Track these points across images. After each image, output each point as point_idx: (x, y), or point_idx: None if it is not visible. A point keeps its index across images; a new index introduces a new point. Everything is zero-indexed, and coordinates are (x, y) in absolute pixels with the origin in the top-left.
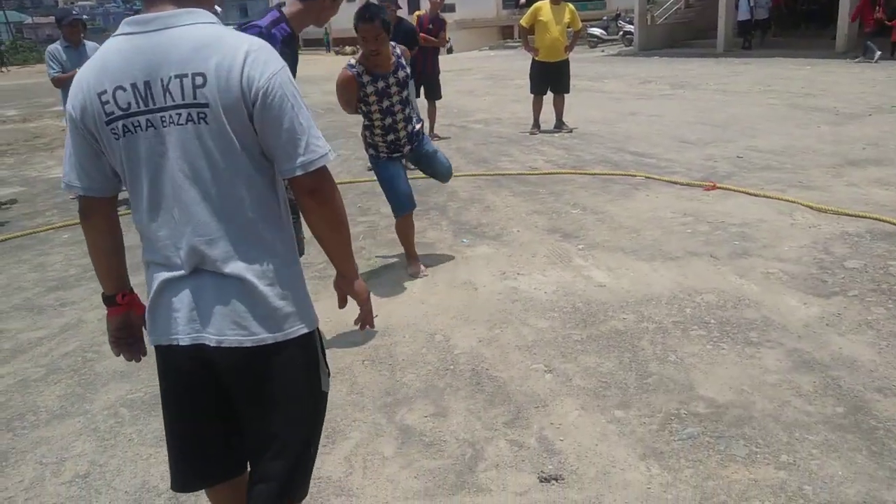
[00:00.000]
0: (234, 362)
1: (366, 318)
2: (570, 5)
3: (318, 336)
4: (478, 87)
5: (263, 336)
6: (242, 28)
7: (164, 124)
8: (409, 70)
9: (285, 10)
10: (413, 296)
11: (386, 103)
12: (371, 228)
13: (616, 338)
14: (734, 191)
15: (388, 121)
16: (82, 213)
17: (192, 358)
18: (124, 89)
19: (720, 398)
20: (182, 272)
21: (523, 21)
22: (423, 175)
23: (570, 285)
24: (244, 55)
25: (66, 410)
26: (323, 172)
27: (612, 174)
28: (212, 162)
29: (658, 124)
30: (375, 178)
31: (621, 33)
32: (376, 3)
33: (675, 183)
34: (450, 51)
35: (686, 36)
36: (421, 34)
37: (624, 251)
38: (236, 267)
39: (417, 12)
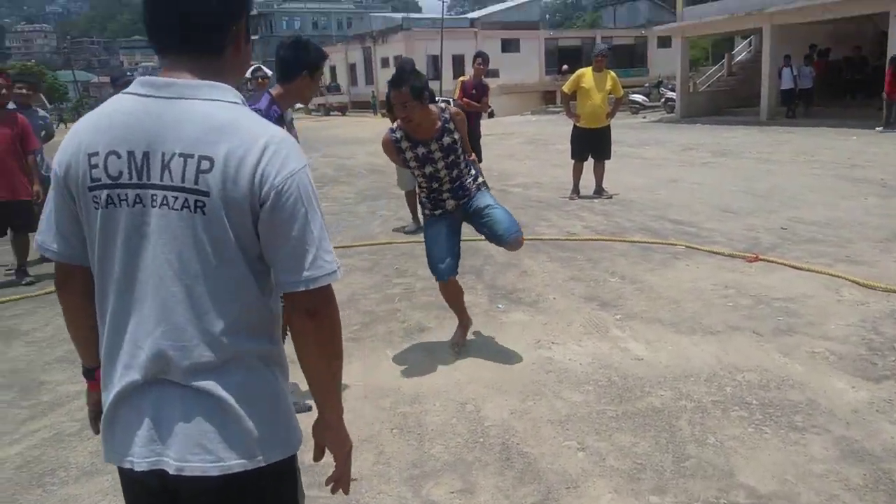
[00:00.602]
0: (198, 492)
1: (339, 480)
2: (613, 73)
3: (297, 463)
4: (519, 151)
5: (232, 463)
6: None
7: (155, 204)
8: (456, 136)
9: (273, 91)
10: (446, 362)
11: (429, 169)
12: (407, 291)
13: (653, 416)
14: (778, 263)
15: (435, 184)
16: (57, 281)
17: (150, 485)
18: (119, 156)
19: (762, 488)
20: (142, 379)
21: (565, 88)
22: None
23: (606, 357)
24: (263, 147)
25: (95, 468)
26: (327, 292)
27: (652, 242)
28: (202, 257)
29: (699, 192)
30: (414, 238)
31: (663, 100)
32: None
33: (717, 253)
34: (491, 115)
35: (729, 104)
36: (464, 99)
37: (663, 323)
38: (207, 382)
39: (462, 77)
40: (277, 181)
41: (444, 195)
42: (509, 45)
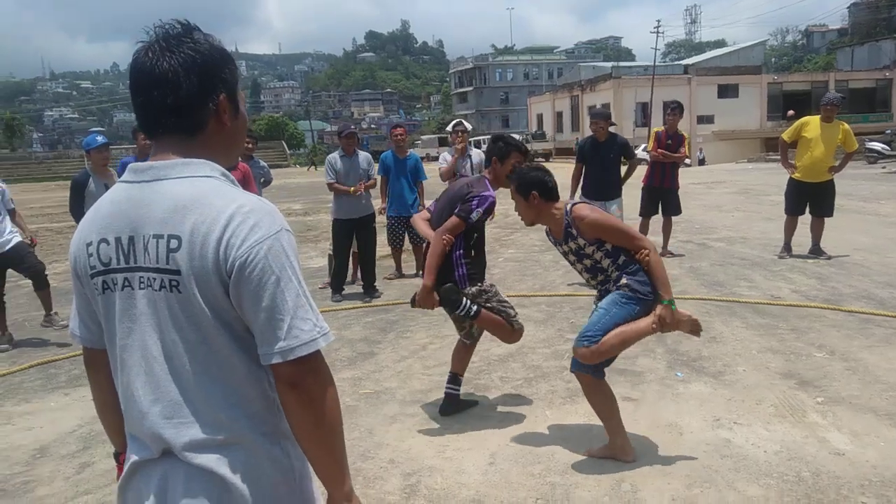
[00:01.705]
0: None
1: None
2: (846, 125)
3: None
4: (726, 203)
5: None
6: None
7: (141, 286)
8: (583, 242)
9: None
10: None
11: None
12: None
13: None
14: None
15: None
16: (86, 364)
17: None
18: (108, 243)
19: None
20: (152, 455)
21: (785, 135)
22: None
23: (798, 447)
24: (228, 218)
25: None
26: (307, 362)
27: (875, 314)
28: (183, 335)
29: None
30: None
31: None
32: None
33: None
34: (702, 162)
35: None
36: (659, 150)
37: (876, 413)
38: (209, 459)
39: (655, 128)
40: (242, 251)
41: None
42: (726, 91)
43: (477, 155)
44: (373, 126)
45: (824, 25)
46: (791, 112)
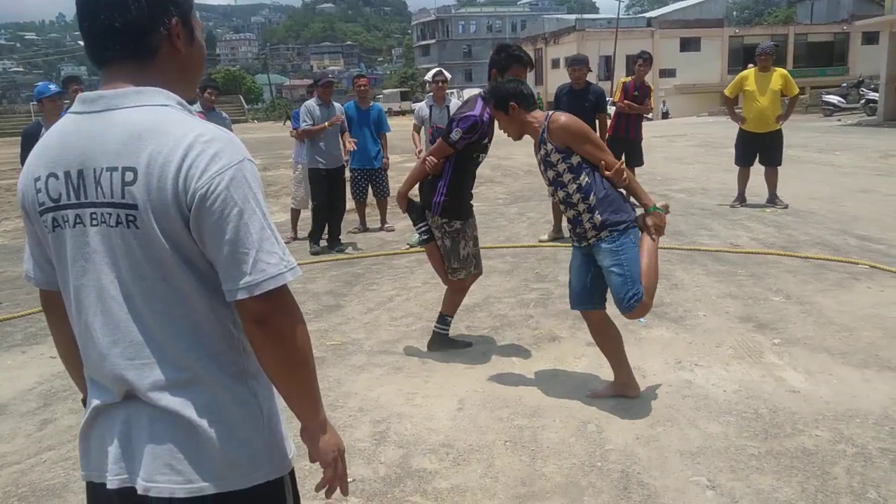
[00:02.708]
0: None
1: (332, 484)
2: (782, 70)
3: (288, 485)
4: (687, 154)
5: (202, 485)
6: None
7: (94, 222)
8: (551, 150)
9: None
10: (574, 377)
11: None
12: (544, 296)
13: (803, 458)
14: None
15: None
16: (44, 308)
17: (120, 503)
18: (57, 177)
19: None
20: (114, 399)
21: (727, 91)
22: None
23: (755, 386)
24: (187, 147)
25: None
26: (275, 297)
27: (830, 259)
28: (143, 273)
29: (895, 205)
30: (559, 243)
31: (863, 101)
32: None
33: None
34: (665, 115)
35: None
36: (624, 101)
37: (830, 353)
38: (173, 401)
39: (622, 79)
40: (202, 181)
41: (568, 222)
42: (688, 44)
43: (455, 105)
44: (334, 79)
45: None
46: (751, 65)
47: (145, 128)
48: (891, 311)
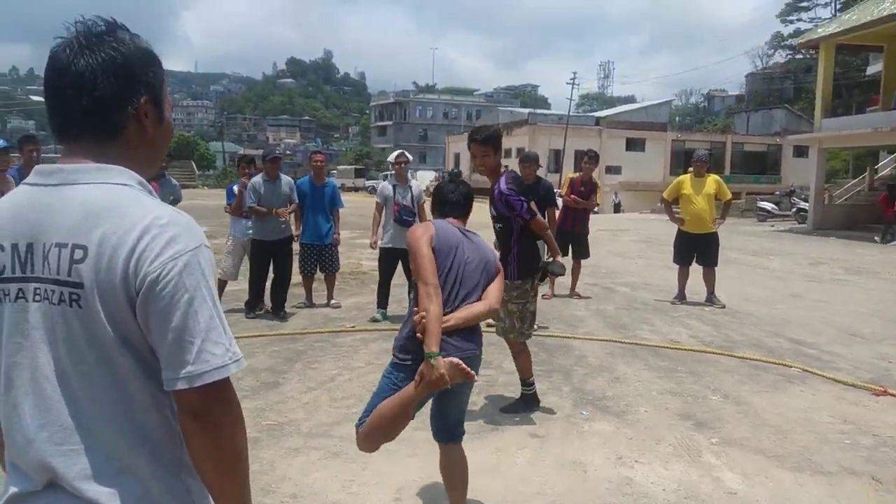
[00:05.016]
0: None
1: None
2: (715, 176)
3: None
4: (631, 250)
5: None
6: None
7: (37, 298)
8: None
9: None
10: (514, 470)
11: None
12: (488, 384)
13: None
14: None
15: None
16: None
17: None
18: (3, 249)
19: None
20: (35, 487)
21: (665, 194)
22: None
23: (693, 486)
24: (143, 229)
25: None
26: (216, 390)
27: (765, 361)
28: (81, 355)
29: (825, 311)
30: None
31: (794, 210)
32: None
33: (838, 381)
34: (617, 207)
35: (868, 219)
36: (571, 196)
37: (766, 455)
38: (100, 491)
39: (570, 174)
40: (155, 266)
41: None
42: (634, 144)
43: (416, 186)
44: (288, 152)
45: (724, 91)
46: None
47: (102, 206)
48: (822, 416)
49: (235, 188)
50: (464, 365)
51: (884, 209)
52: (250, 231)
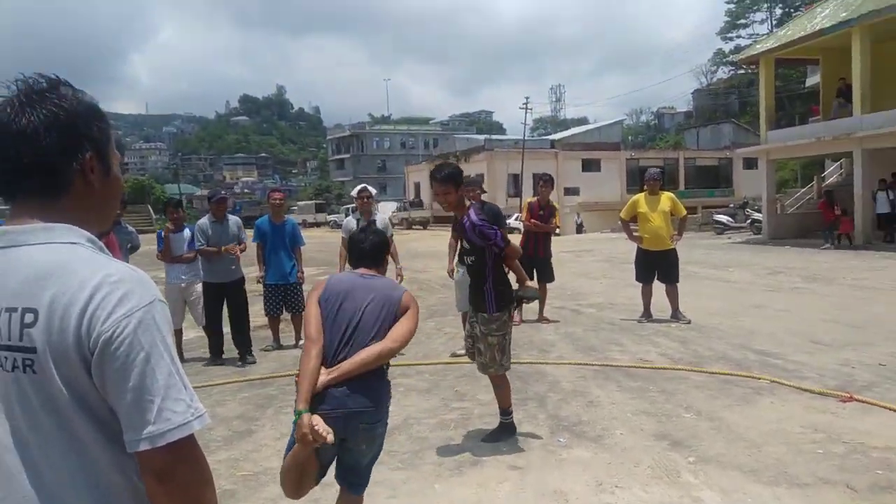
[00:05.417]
0: None
1: None
2: (669, 193)
3: None
4: (594, 270)
5: None
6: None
7: None
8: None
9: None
10: (496, 501)
11: None
12: (464, 416)
13: None
14: (876, 405)
15: None
16: None
17: None
18: None
19: None
20: None
21: (622, 213)
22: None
23: None
24: (94, 288)
25: None
26: (179, 448)
27: (733, 374)
28: (38, 422)
29: (787, 320)
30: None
31: (749, 221)
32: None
33: (805, 390)
34: (580, 227)
35: (819, 226)
36: (531, 220)
37: (742, 470)
38: None
39: (528, 199)
40: (108, 325)
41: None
42: (590, 165)
43: (381, 219)
44: (246, 191)
45: (673, 108)
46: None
47: (50, 267)
48: (793, 427)
49: (196, 231)
50: (319, 426)
51: (823, 215)
52: (184, 276)
